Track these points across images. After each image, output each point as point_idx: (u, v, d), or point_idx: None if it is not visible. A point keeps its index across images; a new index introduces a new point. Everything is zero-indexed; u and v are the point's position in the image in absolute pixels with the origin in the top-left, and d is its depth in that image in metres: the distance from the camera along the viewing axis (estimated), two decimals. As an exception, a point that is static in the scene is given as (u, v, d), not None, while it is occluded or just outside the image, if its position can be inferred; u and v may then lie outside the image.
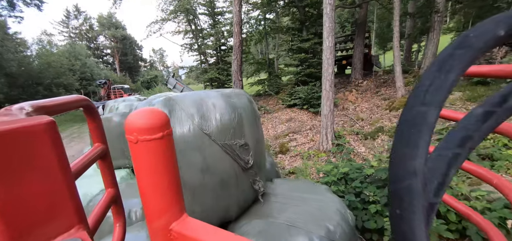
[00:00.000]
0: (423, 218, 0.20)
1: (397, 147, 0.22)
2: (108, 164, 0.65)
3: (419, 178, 0.20)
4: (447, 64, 0.22)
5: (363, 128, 5.68)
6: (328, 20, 4.94)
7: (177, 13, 13.38)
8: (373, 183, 2.83)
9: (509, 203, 1.84)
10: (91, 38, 48.92)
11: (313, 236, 1.55)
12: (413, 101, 0.22)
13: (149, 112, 0.44)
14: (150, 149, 0.44)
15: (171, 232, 0.47)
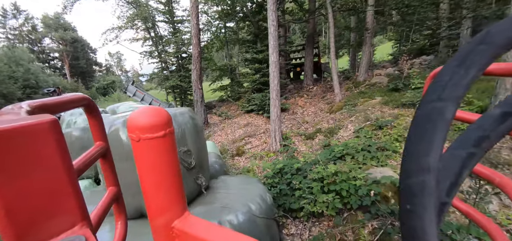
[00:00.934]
0: (434, 216, 0.20)
1: (411, 142, 0.21)
2: (110, 163, 0.66)
3: (432, 175, 0.20)
4: (468, 59, 0.21)
5: (306, 130, 6.63)
6: (272, 39, 5.75)
7: (135, 21, 13.22)
8: (300, 175, 3.63)
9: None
10: (34, 40, 44.00)
11: (238, 213, 2.20)
12: (430, 96, 0.21)
13: (152, 111, 0.45)
14: (152, 148, 0.44)
15: (173, 229, 0.47)
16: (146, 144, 0.44)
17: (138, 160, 0.46)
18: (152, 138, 0.44)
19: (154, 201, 0.48)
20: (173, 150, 0.48)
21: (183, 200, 0.51)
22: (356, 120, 5.79)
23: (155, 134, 0.44)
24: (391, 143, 4.14)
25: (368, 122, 5.25)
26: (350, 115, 6.20)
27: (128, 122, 0.45)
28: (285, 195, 3.36)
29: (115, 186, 0.67)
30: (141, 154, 0.45)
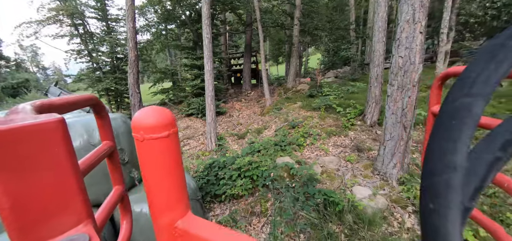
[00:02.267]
0: (458, 216, 0.19)
1: (435, 139, 0.21)
2: (116, 162, 0.66)
3: (459, 174, 0.19)
4: (499, 54, 0.20)
5: (240, 130, 7.52)
6: (206, 50, 6.43)
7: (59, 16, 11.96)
8: (225, 167, 4.40)
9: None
10: None
11: (166, 195, 2.82)
12: (457, 92, 0.21)
13: (156, 111, 0.46)
14: (156, 147, 0.45)
15: (176, 229, 0.48)
16: (150, 144, 0.44)
17: (142, 160, 0.46)
18: (156, 138, 0.44)
19: (158, 200, 0.48)
20: (177, 150, 0.48)
21: (186, 200, 0.51)
22: (278, 121, 6.96)
23: (159, 134, 0.44)
24: (298, 138, 5.33)
25: (286, 123, 6.45)
26: (275, 117, 7.37)
27: (132, 122, 0.45)
28: (212, 184, 4.08)
29: (120, 185, 0.67)
30: (145, 154, 0.45)
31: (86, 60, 14.29)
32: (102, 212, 0.54)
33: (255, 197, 3.81)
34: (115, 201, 0.62)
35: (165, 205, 0.48)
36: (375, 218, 2.87)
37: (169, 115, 0.47)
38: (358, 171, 3.94)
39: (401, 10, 3.17)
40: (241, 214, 3.60)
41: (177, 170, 0.48)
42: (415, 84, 3.18)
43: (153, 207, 0.49)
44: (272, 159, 4.51)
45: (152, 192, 0.48)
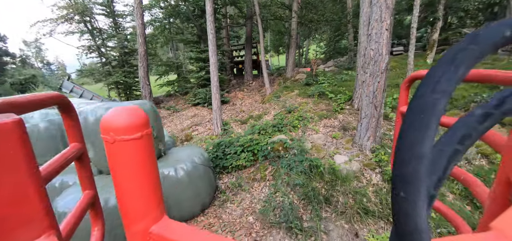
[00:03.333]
0: (425, 202, 0.21)
1: (406, 132, 0.22)
2: (86, 165, 0.62)
3: (425, 163, 0.21)
4: (460, 57, 0.22)
5: (243, 117, 8.34)
6: (211, 44, 7.17)
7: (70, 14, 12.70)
8: (230, 145, 5.24)
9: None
10: None
11: (187, 162, 3.65)
12: (424, 89, 0.22)
13: (127, 111, 0.43)
14: (128, 150, 0.42)
15: (151, 235, 0.45)
16: (122, 146, 0.41)
17: (113, 163, 0.43)
18: (128, 140, 0.41)
19: (130, 206, 0.45)
20: (150, 152, 0.45)
21: (161, 204, 0.48)
22: (277, 107, 7.75)
23: (131, 135, 0.41)
24: (293, 121, 6.13)
25: (283, 109, 7.24)
26: (274, 104, 8.15)
27: (102, 123, 0.42)
28: (220, 159, 4.92)
29: (91, 190, 0.63)
30: (116, 156, 0.42)
31: (96, 55, 15.07)
32: (70, 220, 0.50)
33: (256, 167, 4.65)
34: (85, 206, 0.58)
35: (138, 210, 0.45)
36: (348, 177, 3.70)
37: (142, 115, 0.44)
38: (341, 144, 4.75)
39: (372, 11, 3.90)
40: (245, 181, 4.45)
41: (151, 173, 0.46)
42: (383, 71, 3.94)
43: (126, 213, 0.45)
44: (270, 137, 5.33)
45: (124, 197, 0.44)
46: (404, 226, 0.22)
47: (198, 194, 3.71)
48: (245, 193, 4.17)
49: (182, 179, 3.50)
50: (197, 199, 3.70)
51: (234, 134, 7.03)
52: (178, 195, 3.52)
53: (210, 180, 4.03)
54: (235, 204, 3.95)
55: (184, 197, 3.56)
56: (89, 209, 0.62)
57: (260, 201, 3.82)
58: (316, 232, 3.07)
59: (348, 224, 3.19)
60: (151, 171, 0.46)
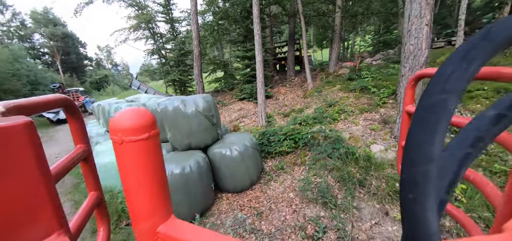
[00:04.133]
0: (435, 204, 0.21)
1: (415, 132, 0.22)
2: (91, 166, 0.64)
3: (435, 165, 0.20)
4: (471, 53, 0.22)
5: (285, 110, 8.94)
6: (257, 44, 7.91)
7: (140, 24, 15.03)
8: (275, 134, 5.92)
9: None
10: (23, 36, 44.04)
11: (240, 145, 4.45)
12: (434, 88, 0.22)
13: (135, 112, 0.44)
14: (136, 150, 0.43)
15: (158, 234, 0.47)
16: (130, 147, 0.43)
17: (121, 164, 0.44)
18: (136, 141, 0.43)
19: (138, 206, 0.46)
20: (157, 152, 0.47)
21: (168, 204, 0.50)
22: (318, 101, 8.13)
23: (139, 136, 0.43)
24: (333, 114, 6.48)
25: (324, 103, 7.60)
26: (316, 99, 8.53)
27: (110, 124, 0.44)
28: (265, 145, 5.65)
29: (97, 191, 0.65)
30: (124, 157, 0.44)
31: (157, 57, 17.41)
32: (77, 220, 0.52)
33: (297, 154, 5.24)
34: (91, 207, 0.60)
35: (146, 210, 0.46)
36: (383, 164, 4.02)
37: (149, 116, 0.45)
38: (379, 136, 4.99)
39: (411, 7, 4.08)
40: (287, 164, 5.08)
41: (158, 174, 0.47)
42: (422, 66, 4.09)
43: (134, 213, 0.47)
44: (310, 128, 5.84)
45: (132, 197, 0.46)
46: (413, 229, 0.21)
47: (248, 171, 4.49)
48: (286, 175, 4.81)
49: (235, 158, 4.32)
50: (246, 176, 4.49)
51: (277, 126, 7.71)
52: (232, 171, 4.35)
53: (257, 161, 4.77)
54: (278, 183, 4.62)
55: (237, 173, 4.38)
56: (95, 209, 0.63)
57: (300, 181, 4.41)
58: (349, 208, 3.54)
59: (379, 204, 3.56)
60: (158, 171, 0.47)
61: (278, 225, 3.50)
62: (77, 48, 51.27)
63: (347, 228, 3.21)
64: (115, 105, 7.17)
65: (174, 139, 4.46)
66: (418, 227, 0.21)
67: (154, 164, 0.46)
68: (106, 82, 48.52)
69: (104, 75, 50.82)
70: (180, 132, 4.37)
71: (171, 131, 4.45)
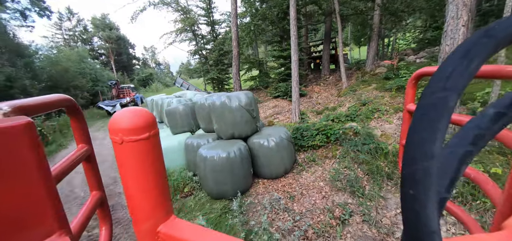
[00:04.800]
0: (435, 201, 0.21)
1: (416, 130, 0.22)
2: (93, 166, 0.64)
3: (435, 162, 0.21)
4: (472, 51, 0.22)
5: (318, 108, 9.23)
6: (293, 44, 8.35)
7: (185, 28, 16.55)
8: (308, 130, 6.35)
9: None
10: (86, 39, 50.42)
11: (276, 136, 5.01)
12: (435, 85, 0.22)
13: (135, 113, 0.44)
14: (136, 150, 0.43)
15: (159, 234, 0.47)
16: (130, 147, 0.43)
17: (122, 164, 0.45)
18: (136, 141, 0.43)
19: (139, 205, 0.46)
20: (157, 152, 0.47)
21: (169, 204, 0.50)
22: (352, 100, 8.28)
23: (139, 136, 0.43)
24: (366, 113, 6.65)
25: (358, 101, 7.74)
26: (350, 98, 8.67)
27: (110, 124, 0.44)
28: (298, 139, 6.12)
29: (99, 191, 0.65)
30: (124, 157, 0.44)
31: (198, 57, 18.86)
32: (79, 220, 0.52)
33: (328, 148, 5.61)
34: (93, 207, 0.60)
35: (146, 210, 0.46)
36: (413, 160, 4.22)
37: (149, 116, 0.45)
38: (412, 134, 5.10)
39: (448, 9, 4.17)
40: (318, 157, 5.50)
41: (158, 173, 0.47)
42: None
43: (134, 212, 0.47)
44: (343, 124, 6.14)
45: (132, 197, 0.46)
46: (414, 226, 0.21)
47: (283, 160, 5.03)
48: (318, 167, 5.23)
49: (272, 148, 4.89)
50: (281, 164, 5.03)
51: (310, 122, 8.09)
52: (269, 159, 4.94)
53: (291, 152, 5.29)
54: (309, 173, 5.07)
55: (272, 161, 4.95)
56: (97, 209, 0.63)
57: (330, 172, 4.81)
58: (375, 197, 3.86)
59: (406, 195, 3.82)
60: (158, 171, 0.47)
61: (308, 207, 3.99)
62: (128, 49, 57.06)
63: (372, 213, 3.56)
64: (167, 99, 8.29)
65: (220, 129, 5.21)
66: (419, 224, 0.21)
67: (154, 163, 0.46)
68: (150, 79, 53.20)
69: (149, 73, 55.72)
70: (225, 123, 5.10)
71: (218, 122, 5.21)
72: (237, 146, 4.60)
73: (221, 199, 4.48)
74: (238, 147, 4.60)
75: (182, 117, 6.85)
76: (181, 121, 6.84)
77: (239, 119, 4.98)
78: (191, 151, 5.46)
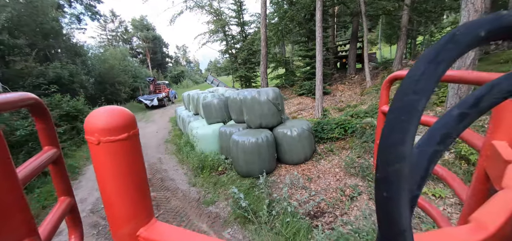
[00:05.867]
0: (408, 201, 0.22)
1: (389, 133, 0.22)
2: (61, 170, 0.60)
3: (406, 163, 0.21)
4: (439, 56, 0.23)
5: (341, 106, 9.70)
6: (318, 45, 8.93)
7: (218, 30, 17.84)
8: (328, 125, 6.95)
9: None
10: (126, 39, 54.99)
11: (298, 127, 5.74)
12: (405, 89, 0.23)
13: (112, 111, 0.42)
14: (114, 151, 0.41)
15: (139, 238, 0.45)
16: (107, 148, 0.41)
17: (98, 166, 0.42)
18: (114, 141, 0.40)
19: (117, 209, 0.44)
20: (137, 153, 0.45)
21: (149, 207, 0.48)
22: (374, 99, 8.63)
23: (117, 136, 0.41)
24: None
25: (379, 100, 8.11)
26: (373, 96, 9.01)
27: (85, 124, 0.42)
28: (319, 132, 6.76)
29: (68, 196, 0.61)
30: (101, 158, 0.41)
31: (228, 56, 20.06)
32: (47, 226, 0.50)
33: (346, 140, 6.19)
34: (62, 213, 0.56)
35: (125, 214, 0.44)
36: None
37: (128, 115, 0.43)
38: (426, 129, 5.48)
39: (461, 14, 4.53)
40: (336, 148, 6.11)
41: (138, 175, 0.45)
42: (468, 67, 4.51)
43: (113, 217, 0.44)
44: (361, 120, 6.65)
45: (110, 200, 0.43)
46: (387, 226, 0.22)
47: (303, 149, 5.74)
48: (335, 156, 5.86)
49: (294, 137, 5.63)
50: (302, 152, 5.75)
51: (331, 118, 8.64)
52: (291, 147, 5.69)
53: (311, 142, 5.97)
54: (327, 161, 5.72)
55: (294, 149, 5.69)
56: (66, 215, 0.59)
57: (345, 161, 5.42)
58: (384, 181, 4.42)
59: (412, 181, 4.33)
60: (138, 173, 0.45)
61: (323, 187, 4.68)
62: (162, 48, 61.01)
63: (379, 193, 4.15)
64: (202, 94, 9.39)
65: (250, 120, 6.08)
66: (392, 224, 0.22)
67: (134, 165, 0.44)
68: (182, 77, 56.48)
69: (181, 71, 59.12)
70: (254, 114, 5.95)
71: (248, 114, 6.08)
72: (264, 134, 5.42)
73: (249, 177, 5.34)
74: (265, 134, 5.42)
75: (216, 110, 7.85)
76: (216, 113, 7.85)
77: (267, 111, 5.80)
78: (224, 138, 6.40)
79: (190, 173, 6.19)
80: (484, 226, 0.23)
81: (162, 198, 5.08)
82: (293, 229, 3.35)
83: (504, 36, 0.25)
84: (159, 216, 4.39)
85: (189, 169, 6.42)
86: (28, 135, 7.49)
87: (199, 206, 4.62)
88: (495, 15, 0.24)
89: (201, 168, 6.03)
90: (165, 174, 6.39)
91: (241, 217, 3.91)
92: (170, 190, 5.44)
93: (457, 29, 0.24)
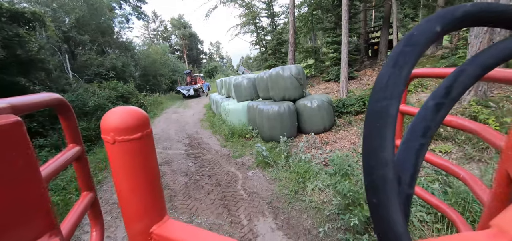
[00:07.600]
0: (398, 204, 0.22)
1: (368, 140, 0.23)
2: (84, 166, 0.63)
3: (390, 167, 0.22)
4: (400, 60, 0.23)
5: (366, 88, 9.86)
6: (343, 28, 9.21)
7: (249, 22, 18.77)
8: (348, 100, 7.32)
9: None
10: (166, 37, 59.24)
11: (319, 100, 6.29)
12: (377, 95, 0.23)
13: (127, 111, 0.44)
14: (129, 150, 0.43)
15: (152, 235, 0.47)
16: (122, 147, 0.42)
17: (114, 164, 0.44)
18: (128, 140, 0.42)
19: (131, 206, 0.46)
20: (151, 152, 0.46)
21: (162, 204, 0.49)
22: (400, 79, 8.69)
23: (131, 136, 0.42)
24: (410, 89, 7.17)
25: (404, 79, 8.17)
26: (399, 78, 9.03)
27: (102, 123, 0.44)
28: (341, 107, 7.20)
29: (90, 191, 0.64)
30: (116, 157, 0.43)
31: (258, 47, 20.89)
32: (69, 221, 0.52)
33: (365, 113, 6.57)
34: (84, 208, 0.59)
35: (139, 211, 0.46)
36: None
37: (142, 115, 0.45)
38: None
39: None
40: (354, 121, 6.52)
41: (151, 174, 0.47)
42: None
43: (127, 213, 0.47)
44: (381, 96, 6.92)
45: (125, 197, 0.46)
46: (383, 232, 0.22)
47: (323, 120, 6.29)
48: (353, 127, 6.29)
49: (314, 108, 6.21)
50: (321, 123, 6.30)
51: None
52: (311, 118, 6.28)
53: (330, 114, 6.48)
54: (345, 131, 6.19)
55: (314, 120, 6.27)
56: (88, 210, 0.63)
57: (361, 128, 5.83)
58: (395, 143, 4.81)
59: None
60: (151, 171, 0.47)
61: (337, 148, 5.22)
62: (197, 44, 64.33)
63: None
64: (234, 80, 10.36)
65: (274, 94, 6.80)
66: (387, 230, 0.22)
67: (147, 164, 0.46)
68: (215, 71, 59.07)
69: (214, 66, 61.79)
70: (279, 88, 6.65)
71: (273, 88, 6.81)
72: (287, 104, 6.11)
73: (272, 141, 6.09)
74: (287, 105, 6.11)
75: (245, 89, 8.73)
76: (245, 92, 8.72)
77: (289, 85, 6.46)
78: (252, 111, 7.23)
79: (222, 139, 7.18)
80: (506, 233, 0.21)
81: (199, 154, 6.13)
82: (305, 168, 4.03)
83: (460, 25, 0.25)
84: (197, 163, 5.42)
85: (221, 137, 7.42)
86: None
87: (229, 158, 5.54)
88: (448, 9, 0.25)
89: (231, 134, 6.97)
90: (202, 140, 7.49)
91: (262, 163, 4.70)
92: (206, 149, 6.47)
93: (414, 29, 0.25)
